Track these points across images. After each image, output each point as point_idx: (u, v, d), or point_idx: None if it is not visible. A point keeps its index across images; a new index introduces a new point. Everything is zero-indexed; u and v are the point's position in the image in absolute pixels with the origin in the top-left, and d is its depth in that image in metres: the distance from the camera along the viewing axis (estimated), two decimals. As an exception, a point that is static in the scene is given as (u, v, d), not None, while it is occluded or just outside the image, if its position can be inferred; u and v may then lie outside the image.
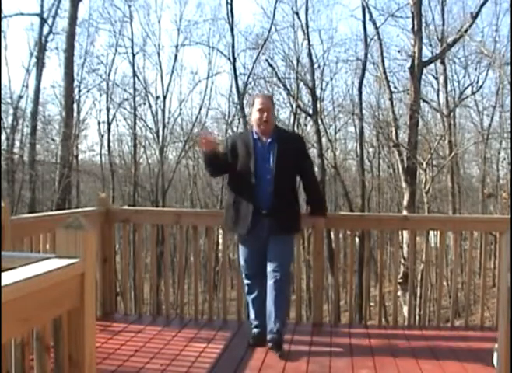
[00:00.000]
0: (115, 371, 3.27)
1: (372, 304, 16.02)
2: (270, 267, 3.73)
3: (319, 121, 14.95)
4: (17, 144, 16.78)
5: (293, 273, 4.65)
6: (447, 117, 14.69)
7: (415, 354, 3.61)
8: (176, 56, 18.09)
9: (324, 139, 15.57)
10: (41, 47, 15.28)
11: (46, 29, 15.51)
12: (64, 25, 15.04)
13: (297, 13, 15.54)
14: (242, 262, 3.94)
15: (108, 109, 18.12)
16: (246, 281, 3.95)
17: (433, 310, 9.31)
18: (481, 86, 16.03)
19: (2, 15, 14.49)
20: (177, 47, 17.97)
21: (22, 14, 15.64)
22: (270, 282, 3.71)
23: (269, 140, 3.80)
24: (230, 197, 3.90)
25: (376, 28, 13.78)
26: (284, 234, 3.79)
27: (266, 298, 3.76)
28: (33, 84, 15.56)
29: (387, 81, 13.40)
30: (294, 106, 16.42)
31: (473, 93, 16.19)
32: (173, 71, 18.14)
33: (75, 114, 16.33)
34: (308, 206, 4.08)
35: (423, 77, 13.76)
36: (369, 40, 14.59)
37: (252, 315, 3.91)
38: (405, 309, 10.30)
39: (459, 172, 18.20)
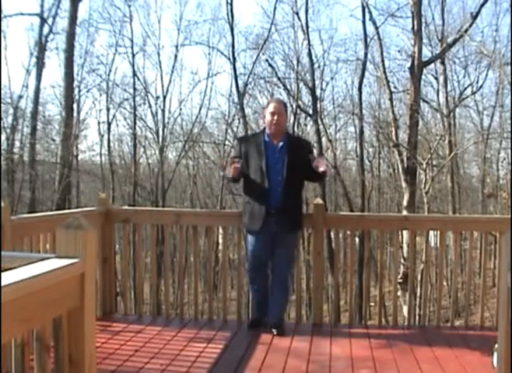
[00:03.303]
0: (115, 371, 3.27)
1: (372, 304, 16.02)
2: (276, 263, 4.12)
3: (319, 121, 14.94)
4: (17, 144, 16.76)
5: (293, 273, 4.66)
6: (447, 117, 14.69)
7: (415, 354, 3.61)
8: (176, 56, 18.06)
9: (324, 139, 15.57)
10: (41, 47, 15.27)
11: (46, 29, 15.51)
12: (64, 25, 15.04)
13: (297, 13, 15.53)
14: (249, 253, 4.21)
15: (108, 109, 18.10)
16: (250, 272, 4.24)
17: (433, 310, 9.31)
18: (481, 86, 16.03)
19: (2, 15, 14.50)
20: (177, 47, 17.95)
21: (22, 14, 15.64)
22: (274, 274, 4.14)
23: (280, 143, 4.07)
24: (245, 196, 4.18)
25: (376, 28, 13.77)
26: (290, 232, 4.12)
27: (267, 288, 4.18)
28: (33, 84, 15.57)
29: (387, 81, 13.40)
30: (294, 106, 16.40)
31: (473, 93, 16.18)
32: (173, 71, 18.11)
33: (75, 114, 16.33)
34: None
35: (423, 77, 13.76)
36: (369, 39, 14.58)
37: (254, 303, 4.30)
38: (405, 309, 10.31)
39: (459, 172, 18.20)
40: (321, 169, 3.89)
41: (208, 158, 18.71)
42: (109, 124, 18.15)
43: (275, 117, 4.03)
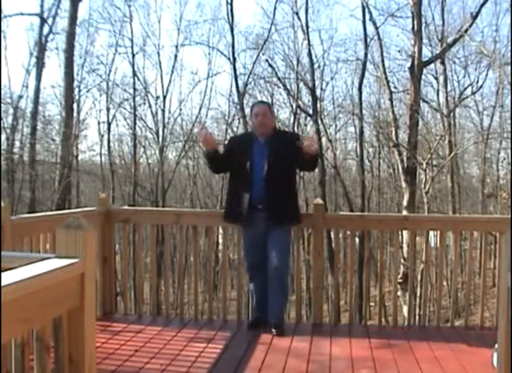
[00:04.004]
0: (115, 371, 3.27)
1: (372, 304, 16.02)
2: (269, 259, 4.10)
3: (319, 121, 14.95)
4: (17, 144, 16.75)
5: (293, 273, 4.66)
6: (447, 117, 14.69)
7: (415, 354, 3.61)
8: (176, 56, 18.05)
9: (324, 139, 15.57)
10: (41, 47, 15.27)
11: (46, 29, 15.50)
12: (64, 25, 15.04)
13: (297, 13, 15.54)
14: (244, 252, 4.33)
15: (108, 109, 18.10)
16: (248, 271, 4.31)
17: (433, 310, 9.31)
18: (481, 86, 16.02)
19: (2, 15, 14.49)
20: (177, 47, 17.94)
21: (22, 14, 15.63)
22: (270, 273, 4.09)
23: (267, 139, 4.18)
24: (230, 192, 4.33)
25: (376, 28, 13.78)
26: (280, 226, 4.09)
27: (267, 285, 4.14)
28: (33, 84, 15.56)
29: (387, 81, 13.40)
30: (294, 106, 16.41)
31: (473, 93, 16.17)
32: (173, 71, 18.10)
33: (75, 114, 16.32)
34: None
35: (423, 77, 13.76)
36: (369, 40, 14.59)
37: (254, 301, 4.32)
38: (405, 309, 10.31)
39: (459, 172, 18.20)
40: (311, 151, 3.86)
41: (208, 158, 18.66)
42: (109, 124, 18.17)
43: (259, 118, 4.18)
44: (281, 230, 4.11)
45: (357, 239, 9.72)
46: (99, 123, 18.44)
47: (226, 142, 4.76)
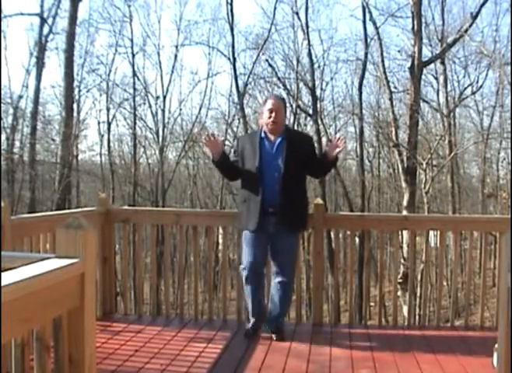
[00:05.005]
0: (115, 371, 3.27)
1: (372, 304, 16.02)
2: (275, 266, 3.95)
3: (319, 121, 14.95)
4: (17, 144, 16.76)
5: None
6: (447, 117, 14.69)
7: (415, 354, 3.61)
8: (176, 56, 18.07)
9: (324, 139, 15.58)
10: (41, 47, 15.27)
11: (46, 29, 15.52)
12: (64, 25, 15.06)
13: (297, 13, 15.54)
14: (243, 255, 4.01)
15: (108, 109, 18.11)
16: (245, 273, 3.99)
17: (433, 310, 9.31)
18: (481, 86, 16.04)
19: (2, 15, 14.50)
20: (177, 46, 17.96)
21: (22, 14, 15.64)
22: (275, 280, 3.93)
23: (279, 139, 3.91)
24: (241, 195, 4.07)
25: (376, 28, 13.79)
26: (289, 233, 3.92)
27: (263, 293, 4.06)
28: (33, 84, 15.58)
29: (387, 81, 13.41)
30: (294, 106, 16.40)
31: (473, 93, 16.18)
32: (173, 71, 18.12)
33: (75, 114, 16.33)
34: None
35: (423, 77, 13.78)
36: (369, 40, 14.60)
37: (249, 306, 4.04)
38: (405, 309, 10.31)
39: (459, 172, 18.20)
40: (335, 152, 3.83)
41: (208, 158, 18.71)
42: (109, 124, 18.18)
43: (273, 114, 3.87)
44: (290, 236, 3.94)
45: (357, 239, 9.73)
46: (99, 123, 18.48)
47: (235, 143, 4.40)
